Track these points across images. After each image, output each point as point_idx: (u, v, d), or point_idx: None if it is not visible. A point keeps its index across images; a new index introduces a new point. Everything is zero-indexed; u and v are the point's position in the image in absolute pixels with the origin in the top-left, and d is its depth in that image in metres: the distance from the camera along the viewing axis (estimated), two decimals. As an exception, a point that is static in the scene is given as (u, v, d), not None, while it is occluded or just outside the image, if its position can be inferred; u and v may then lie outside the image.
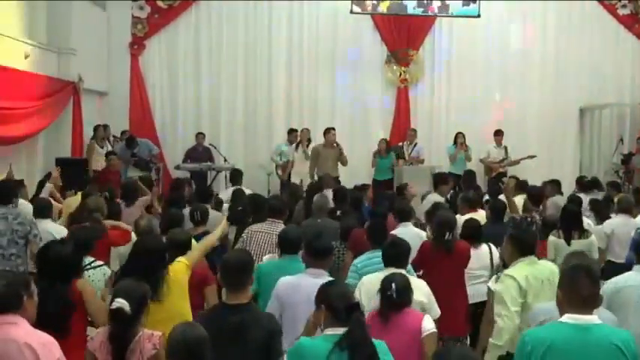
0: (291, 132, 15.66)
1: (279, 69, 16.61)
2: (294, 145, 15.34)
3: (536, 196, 9.63)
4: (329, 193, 9.89)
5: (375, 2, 16.03)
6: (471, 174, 12.88)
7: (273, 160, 15.48)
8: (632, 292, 5.32)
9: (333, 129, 14.15)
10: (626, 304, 5.28)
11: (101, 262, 6.35)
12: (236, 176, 11.96)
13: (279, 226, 7.31)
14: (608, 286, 5.35)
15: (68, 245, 5.29)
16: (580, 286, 3.99)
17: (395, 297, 4.81)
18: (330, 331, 4.19)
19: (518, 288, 5.45)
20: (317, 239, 5.55)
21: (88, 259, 6.13)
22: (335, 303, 4.21)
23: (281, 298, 5.36)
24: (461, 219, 8.15)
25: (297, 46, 16.67)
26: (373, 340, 4.17)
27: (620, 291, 5.33)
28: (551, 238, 7.76)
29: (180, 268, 5.49)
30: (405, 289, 4.90)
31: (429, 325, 4.87)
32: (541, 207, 9.57)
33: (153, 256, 5.37)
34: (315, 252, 5.48)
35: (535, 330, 4.22)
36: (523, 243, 5.69)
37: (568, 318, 3.99)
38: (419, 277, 6.24)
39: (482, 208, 9.41)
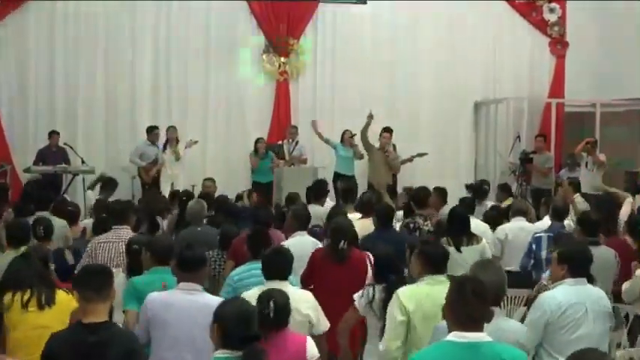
0: (152, 130, 14.99)
1: (143, 61, 15.89)
2: (156, 145, 14.90)
3: (420, 197, 9.49)
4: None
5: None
6: (350, 183, 12.40)
7: (133, 161, 14.91)
8: (578, 309, 5.26)
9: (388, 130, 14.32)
10: (576, 324, 5.26)
11: None
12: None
13: (125, 233, 7.36)
14: (549, 307, 5.28)
15: None
16: (467, 304, 3.90)
17: (272, 316, 4.64)
18: (220, 354, 4.14)
19: (401, 307, 5.23)
20: (187, 249, 5.37)
21: None
22: (230, 327, 4.12)
23: (149, 316, 5.15)
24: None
25: (164, 34, 15.98)
26: None
27: (565, 312, 5.25)
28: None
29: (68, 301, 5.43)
30: (285, 307, 4.73)
31: (313, 349, 4.80)
32: (433, 212, 9.42)
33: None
34: (186, 264, 5.26)
35: (421, 352, 4.15)
36: (432, 258, 5.43)
37: (454, 336, 3.89)
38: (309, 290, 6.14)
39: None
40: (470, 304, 3.89)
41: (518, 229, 8.88)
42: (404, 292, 5.24)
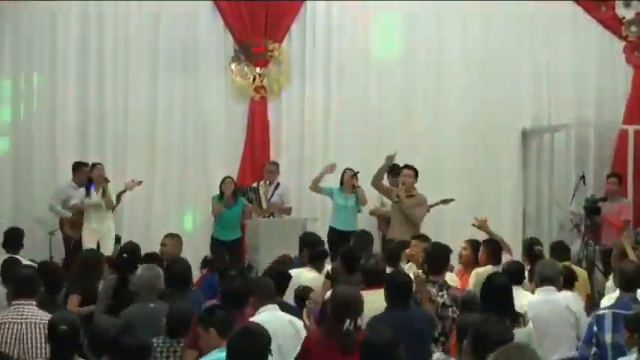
0: (78, 167, 13.43)
1: (67, 77, 14.09)
2: (83, 189, 13.24)
3: (438, 258, 8.43)
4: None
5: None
6: (365, 236, 11.13)
7: (53, 210, 13.36)
8: None
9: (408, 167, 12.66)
10: None
11: None
12: (13, 239, 10.99)
13: (30, 310, 6.70)
14: None
15: None
16: None
17: None
18: None
19: None
20: (124, 335, 5.01)
21: None
22: None
23: None
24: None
25: (95, 38, 14.07)
26: None
27: None
28: None
29: None
30: None
31: None
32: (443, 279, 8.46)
33: None
34: (123, 355, 4.92)
35: None
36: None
37: None
38: None
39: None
40: None
41: (542, 302, 8.04)
42: None
